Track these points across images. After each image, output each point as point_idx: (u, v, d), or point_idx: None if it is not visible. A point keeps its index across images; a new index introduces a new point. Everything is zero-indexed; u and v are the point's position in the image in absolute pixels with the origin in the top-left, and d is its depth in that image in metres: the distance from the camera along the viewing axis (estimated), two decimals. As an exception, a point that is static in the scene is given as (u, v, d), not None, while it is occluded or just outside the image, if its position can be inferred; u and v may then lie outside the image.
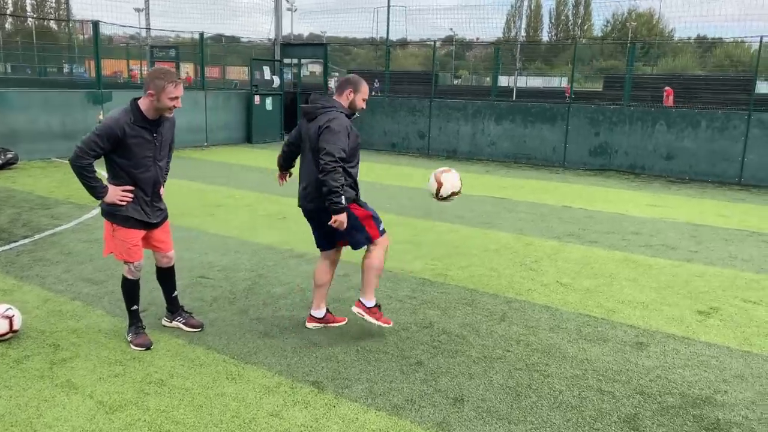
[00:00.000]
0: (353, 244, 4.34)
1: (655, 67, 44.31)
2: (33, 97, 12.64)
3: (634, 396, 3.75)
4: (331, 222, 4.06)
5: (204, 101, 15.63)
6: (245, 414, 3.39)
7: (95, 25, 12.97)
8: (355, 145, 4.21)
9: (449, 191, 4.51)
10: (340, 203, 4.01)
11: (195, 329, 4.46)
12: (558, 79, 48.56)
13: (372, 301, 4.36)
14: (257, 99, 16.67)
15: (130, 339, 4.19)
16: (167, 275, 4.43)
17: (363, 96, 4.28)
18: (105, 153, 3.86)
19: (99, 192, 3.87)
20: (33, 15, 57.82)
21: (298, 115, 18.66)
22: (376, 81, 24.59)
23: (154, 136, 3.97)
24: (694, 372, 4.09)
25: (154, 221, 4.15)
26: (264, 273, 5.81)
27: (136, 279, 4.18)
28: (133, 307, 4.22)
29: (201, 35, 15.68)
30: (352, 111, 4.26)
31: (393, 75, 34.43)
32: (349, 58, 58.26)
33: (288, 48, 18.98)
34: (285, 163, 4.69)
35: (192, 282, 5.48)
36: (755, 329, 4.85)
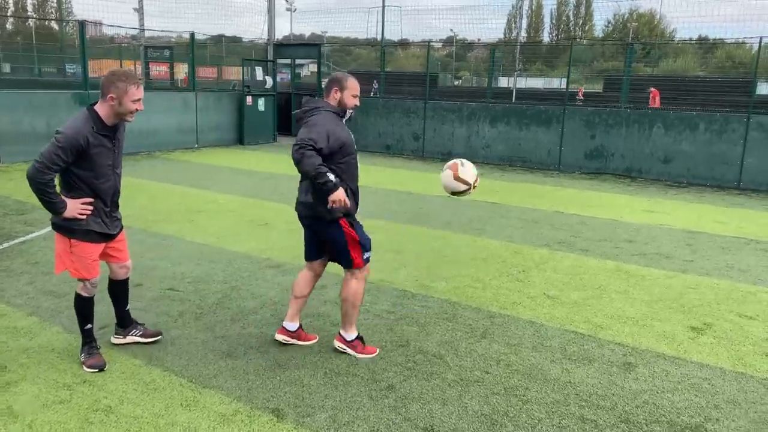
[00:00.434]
0: (337, 259, 4.16)
1: (656, 68, 44.03)
2: (17, 98, 12.37)
3: (618, 425, 3.49)
4: (330, 204, 3.74)
5: (194, 102, 15.38)
6: (195, 447, 3.13)
7: (81, 25, 12.72)
8: (341, 146, 3.85)
9: (467, 185, 4.22)
10: (328, 180, 3.67)
11: (155, 338, 4.25)
12: (558, 81, 48.26)
13: (352, 334, 4.19)
14: (249, 100, 16.41)
15: (82, 360, 3.93)
16: (123, 288, 4.18)
17: (351, 92, 3.98)
18: (66, 166, 3.58)
19: (59, 208, 3.60)
20: (20, 14, 57.54)
21: (292, 117, 18.42)
22: (374, 82, 24.31)
23: (113, 143, 3.75)
24: (684, 397, 3.83)
25: (113, 232, 3.90)
26: (237, 285, 5.55)
27: (91, 296, 3.92)
28: (87, 326, 3.95)
29: (192, 35, 15.42)
30: (342, 110, 3.98)
31: (393, 76, 34.26)
32: (350, 58, 57.97)
33: (281, 48, 18.71)
34: None
35: (159, 295, 5.22)
36: (750, 347, 4.58)
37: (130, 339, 4.24)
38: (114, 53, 28.14)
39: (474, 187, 4.24)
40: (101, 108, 3.65)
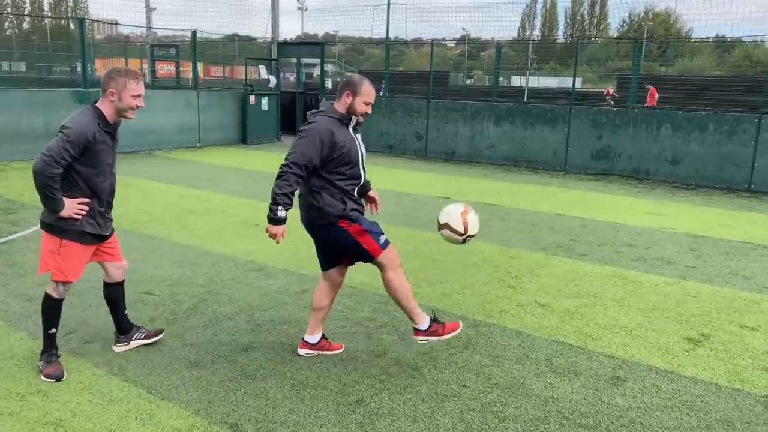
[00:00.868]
0: (360, 259, 3.94)
1: (670, 68, 43.38)
2: (15, 96, 12.31)
3: (599, 446, 3.26)
4: (266, 230, 3.64)
5: (197, 101, 15.26)
6: (142, 465, 2.95)
7: (81, 23, 12.63)
8: (338, 155, 3.66)
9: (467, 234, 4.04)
10: (273, 212, 3.62)
11: (158, 336, 4.24)
12: (573, 80, 47.61)
13: (424, 323, 3.92)
14: (252, 99, 16.26)
15: (41, 368, 3.76)
16: (121, 291, 4.08)
17: (364, 99, 3.72)
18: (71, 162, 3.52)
19: (59, 205, 3.53)
20: (25, 13, 57.90)
21: (297, 117, 18.28)
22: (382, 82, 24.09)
23: (113, 141, 3.73)
24: (674, 415, 3.58)
25: (106, 234, 3.82)
26: (216, 289, 5.37)
27: (62, 299, 3.78)
28: (52, 330, 3.79)
29: (193, 33, 15.31)
30: (347, 117, 3.75)
31: (403, 75, 33.94)
32: (363, 57, 57.73)
33: (285, 47, 18.55)
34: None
35: (134, 299, 5.04)
36: (749, 361, 4.32)
37: (134, 344, 4.12)
38: (120, 51, 28.13)
39: (469, 237, 4.01)
40: (103, 105, 3.62)
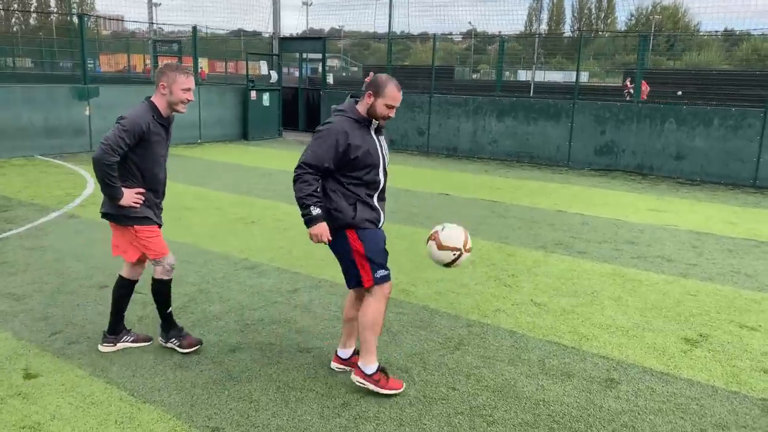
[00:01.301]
0: (346, 279, 3.64)
1: (678, 62, 42.97)
2: (15, 93, 12.28)
3: (589, 452, 3.17)
4: (310, 238, 3.45)
5: (197, 96, 15.17)
6: (119, 471, 2.89)
7: (80, 19, 12.58)
8: (354, 158, 3.43)
9: (456, 251, 3.62)
10: (308, 214, 3.39)
11: (146, 342, 4.18)
12: (578, 74, 47.23)
13: (372, 366, 3.58)
14: (253, 94, 16.19)
15: (177, 345, 4.03)
16: (131, 290, 4.13)
17: (387, 101, 3.45)
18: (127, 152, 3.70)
19: (119, 193, 3.71)
20: (31, 9, 57.93)
21: (299, 112, 18.19)
22: None
23: (167, 134, 3.91)
24: (667, 419, 3.49)
25: (161, 223, 3.98)
26: (206, 288, 5.30)
27: (170, 279, 3.99)
28: (169, 311, 4.07)
29: (194, 28, 15.23)
30: (367, 119, 3.52)
31: (408, 70, 33.74)
32: (368, 52, 57.45)
33: (287, 42, 18.45)
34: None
35: (123, 298, 4.99)
36: (748, 363, 4.22)
37: (120, 346, 4.11)
38: (124, 47, 28.10)
39: (467, 250, 3.61)
40: (156, 99, 3.79)
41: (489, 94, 15.38)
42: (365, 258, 3.49)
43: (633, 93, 14.16)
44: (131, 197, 3.74)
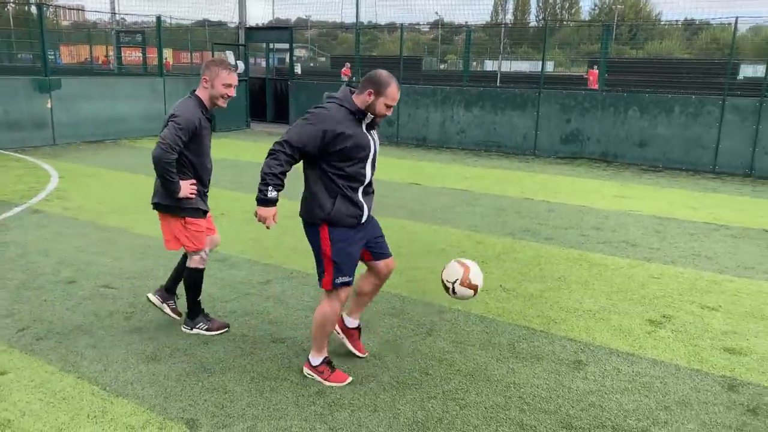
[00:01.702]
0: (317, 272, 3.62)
1: (640, 51, 43.76)
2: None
3: (559, 431, 3.26)
4: (254, 214, 3.42)
5: (163, 88, 14.95)
6: (93, 465, 2.87)
7: (39, 8, 12.25)
8: (343, 148, 3.34)
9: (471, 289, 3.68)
10: (263, 192, 3.33)
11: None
12: (543, 63, 47.71)
13: (318, 358, 3.67)
14: (220, 85, 15.97)
15: (205, 329, 4.23)
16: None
17: (387, 101, 3.38)
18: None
19: (178, 187, 3.90)
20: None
21: (267, 103, 18.04)
22: (345, 65, 23.98)
23: (211, 126, 4.11)
24: (633, 398, 3.61)
25: (208, 210, 4.22)
26: (177, 281, 5.26)
27: (204, 268, 4.24)
28: (199, 299, 4.27)
29: (158, 18, 14.95)
30: (363, 112, 3.42)
31: (376, 60, 33.71)
32: (336, 42, 57.03)
33: (253, 32, 18.26)
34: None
35: (92, 293, 4.93)
36: (708, 342, 4.37)
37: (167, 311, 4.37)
38: (85, 38, 27.44)
39: (470, 287, 3.66)
40: (201, 93, 3.94)
41: (457, 84, 15.50)
42: (330, 261, 3.47)
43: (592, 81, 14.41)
44: (188, 189, 3.95)
